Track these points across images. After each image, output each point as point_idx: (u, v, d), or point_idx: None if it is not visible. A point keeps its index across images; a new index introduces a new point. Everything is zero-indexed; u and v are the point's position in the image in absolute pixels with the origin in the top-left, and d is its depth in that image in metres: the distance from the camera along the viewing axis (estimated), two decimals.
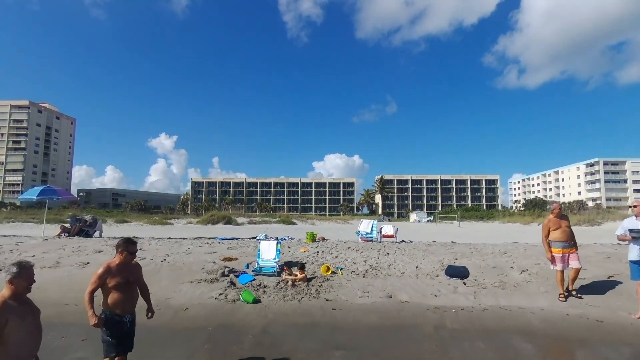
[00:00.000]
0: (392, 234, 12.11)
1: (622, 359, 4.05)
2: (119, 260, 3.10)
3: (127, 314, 3.10)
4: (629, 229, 5.10)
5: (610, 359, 3.99)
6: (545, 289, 5.96)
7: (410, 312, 5.24)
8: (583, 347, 4.31)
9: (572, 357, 4.21)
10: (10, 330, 2.44)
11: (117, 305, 3.01)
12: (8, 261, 7.83)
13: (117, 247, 3.22)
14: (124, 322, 3.06)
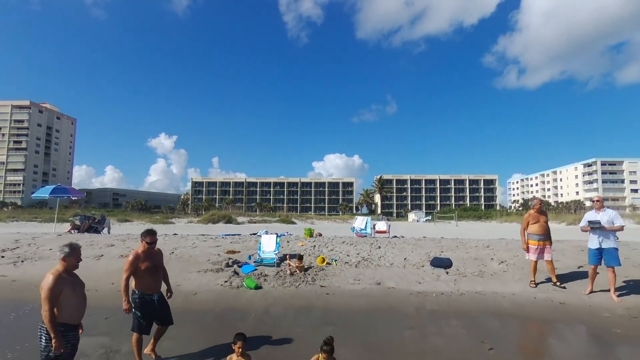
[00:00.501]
0: (385, 229, 12.76)
1: (575, 334, 4.68)
2: (143, 248, 3.72)
3: (155, 294, 3.72)
4: (589, 220, 5.74)
5: (565, 334, 4.62)
6: (519, 277, 6.60)
7: (395, 297, 5.87)
8: (543, 325, 4.94)
9: (533, 332, 4.84)
10: (64, 297, 3.08)
11: (147, 287, 3.64)
12: (27, 254, 8.48)
13: (140, 236, 3.86)
14: (153, 301, 3.68)
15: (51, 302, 3.02)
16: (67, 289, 3.13)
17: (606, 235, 5.64)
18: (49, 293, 3.03)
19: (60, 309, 3.07)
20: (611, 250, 5.58)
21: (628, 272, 6.83)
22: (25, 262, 7.80)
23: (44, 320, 2.97)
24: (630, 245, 8.84)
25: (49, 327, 2.95)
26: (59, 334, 2.97)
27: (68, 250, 3.25)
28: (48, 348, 2.98)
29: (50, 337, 2.96)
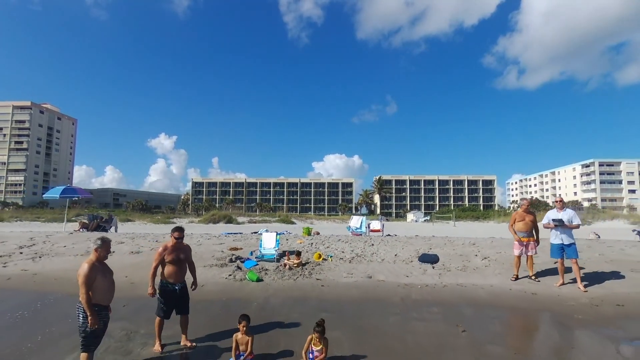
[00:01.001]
0: (379, 228, 13.37)
1: (541, 320, 5.27)
2: (172, 242, 4.31)
3: (178, 283, 4.28)
4: (552, 218, 6.35)
5: (532, 320, 5.22)
6: (499, 272, 7.20)
7: (384, 288, 6.47)
8: (514, 312, 5.54)
9: (503, 318, 5.43)
10: (97, 283, 3.67)
11: (171, 276, 4.21)
12: (44, 250, 9.08)
13: (171, 232, 4.45)
14: (175, 290, 4.24)
15: (87, 286, 3.60)
16: (99, 275, 3.72)
17: (567, 232, 6.26)
18: (85, 279, 3.61)
19: (94, 292, 3.66)
20: (571, 246, 6.22)
21: (600, 267, 7.43)
22: (43, 257, 8.39)
23: (82, 302, 3.56)
24: (607, 243, 9.44)
25: (85, 307, 3.53)
26: (94, 312, 3.56)
27: (100, 243, 3.85)
28: (85, 324, 3.56)
29: (87, 315, 3.54)
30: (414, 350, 4.16)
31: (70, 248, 9.16)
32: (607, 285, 6.39)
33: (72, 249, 9.09)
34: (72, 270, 7.54)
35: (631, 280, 6.65)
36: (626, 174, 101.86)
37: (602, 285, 6.41)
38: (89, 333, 3.56)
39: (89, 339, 3.58)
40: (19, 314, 5.42)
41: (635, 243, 10.00)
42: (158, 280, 4.34)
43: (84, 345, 3.58)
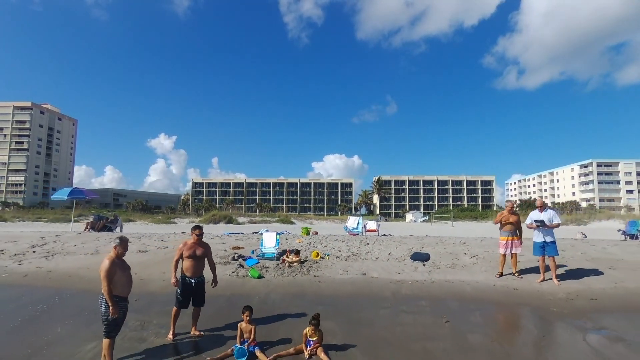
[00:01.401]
0: (375, 229, 13.85)
1: (519, 312, 5.74)
2: (193, 240, 4.79)
3: (194, 277, 4.74)
4: (534, 219, 6.83)
5: (510, 312, 5.69)
6: (485, 269, 7.67)
7: (377, 284, 6.94)
8: (495, 305, 6.01)
9: (485, 310, 5.88)
10: (117, 277, 4.12)
11: (187, 270, 4.68)
12: (55, 249, 9.53)
13: (190, 230, 4.92)
14: (191, 283, 4.71)
15: (108, 279, 4.06)
16: (119, 270, 4.18)
17: (548, 231, 6.74)
18: (106, 273, 4.07)
19: (114, 285, 4.11)
20: (552, 244, 6.69)
21: (581, 264, 7.91)
22: (55, 256, 8.85)
23: (104, 293, 4.01)
24: (591, 242, 9.91)
25: (107, 298, 3.99)
26: (115, 303, 4.01)
27: (119, 241, 4.31)
28: (107, 314, 4.01)
29: (108, 305, 3.99)
30: (401, 339, 4.62)
31: (80, 247, 9.62)
32: (585, 281, 6.86)
33: (81, 248, 9.55)
34: (84, 268, 8.02)
35: (608, 276, 7.12)
36: (624, 175, 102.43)
37: (580, 281, 6.88)
38: (110, 321, 4.01)
39: (110, 327, 4.03)
40: (40, 307, 5.88)
41: (618, 242, 10.48)
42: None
43: (107, 332, 4.03)
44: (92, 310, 5.66)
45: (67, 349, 4.32)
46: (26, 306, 5.93)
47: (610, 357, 4.09)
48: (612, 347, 4.36)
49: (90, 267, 8.02)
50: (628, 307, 5.76)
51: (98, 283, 6.62)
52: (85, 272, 7.73)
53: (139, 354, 4.23)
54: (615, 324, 5.10)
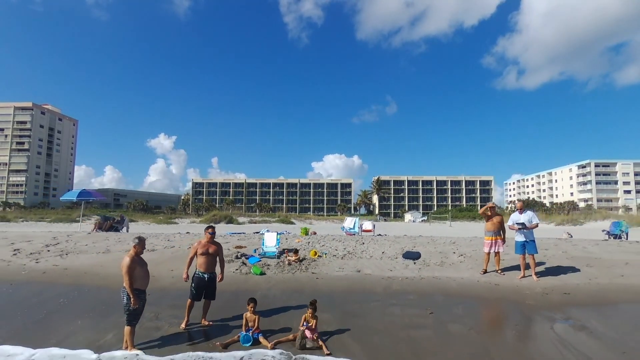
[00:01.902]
0: (370, 229, 14.42)
1: (497, 305, 6.32)
2: (206, 239, 5.36)
3: (207, 273, 5.31)
4: (515, 221, 7.40)
5: (489, 305, 6.26)
6: (471, 267, 8.24)
7: (370, 280, 7.51)
8: (477, 299, 6.57)
9: (467, 304, 6.45)
10: (136, 272, 4.68)
11: (201, 266, 5.26)
12: (68, 248, 10.09)
13: (205, 230, 5.48)
14: (204, 278, 5.28)
15: (129, 274, 4.61)
16: (138, 266, 4.74)
17: (528, 232, 7.31)
18: (127, 269, 4.62)
19: (134, 279, 4.67)
20: (532, 242, 7.26)
21: (561, 262, 8.48)
22: (69, 255, 9.41)
23: (125, 287, 4.56)
24: (573, 242, 10.49)
25: (128, 290, 4.54)
26: (135, 295, 4.57)
27: (137, 241, 4.87)
28: (128, 304, 4.57)
29: (129, 297, 4.55)
30: (388, 328, 5.19)
31: (91, 247, 10.18)
32: (561, 278, 7.43)
33: (93, 247, 10.11)
34: (97, 266, 8.58)
35: (584, 273, 7.69)
36: (622, 175, 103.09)
37: (557, 277, 7.45)
38: (131, 311, 4.57)
39: (131, 316, 4.59)
40: (61, 301, 6.44)
41: (598, 241, 11.05)
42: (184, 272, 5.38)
43: (128, 320, 4.58)
44: (109, 304, 6.23)
45: (91, 336, 4.87)
46: (48, 300, 6.49)
47: (571, 342, 4.65)
48: (575, 335, 4.93)
49: (103, 264, 8.58)
50: (597, 300, 6.33)
51: (112, 279, 7.28)
52: (99, 269, 8.29)
53: (155, 340, 4.78)
54: (582, 315, 5.67)
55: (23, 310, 5.96)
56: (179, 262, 8.65)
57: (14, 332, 5.00)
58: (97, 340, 4.78)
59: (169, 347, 4.56)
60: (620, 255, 9.00)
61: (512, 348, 4.59)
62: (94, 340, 4.74)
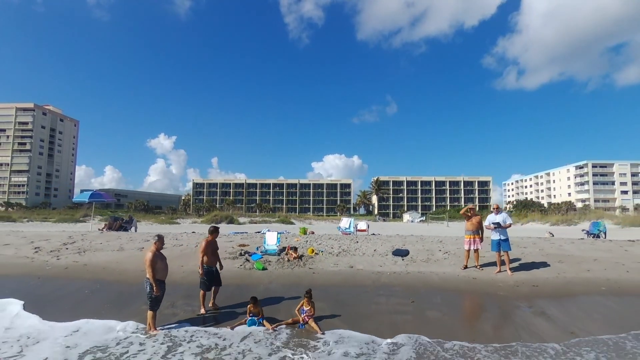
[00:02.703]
0: (365, 228, 15.26)
1: (472, 295, 7.14)
2: (210, 238, 6.21)
3: (214, 266, 6.19)
4: (491, 222, 8.22)
5: (465, 295, 7.08)
6: (454, 263, 9.06)
7: (361, 275, 8.33)
8: (455, 291, 7.39)
9: (446, 294, 7.26)
10: (157, 265, 5.50)
11: (209, 262, 6.13)
12: (84, 246, 10.91)
13: (208, 231, 6.34)
14: (212, 271, 6.16)
15: (152, 267, 5.43)
16: (158, 260, 5.55)
17: (503, 231, 8.13)
18: (150, 262, 5.44)
19: (156, 271, 5.49)
20: (505, 241, 8.09)
21: (536, 258, 9.30)
22: (87, 252, 10.22)
23: (149, 277, 5.37)
24: (551, 240, 11.32)
25: (152, 281, 5.36)
26: (157, 284, 5.39)
27: (157, 238, 5.69)
28: (151, 292, 5.38)
29: (152, 286, 5.36)
30: (374, 313, 6.02)
31: (106, 245, 11.00)
32: (533, 272, 8.26)
33: (107, 245, 10.93)
34: (113, 262, 9.41)
35: (554, 268, 8.52)
36: (619, 175, 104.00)
37: (529, 272, 8.28)
38: (154, 298, 5.38)
39: (153, 302, 5.40)
40: (86, 292, 7.26)
41: (574, 240, 11.87)
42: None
43: (151, 306, 5.40)
44: (128, 295, 7.06)
45: (117, 320, 5.68)
46: (74, 292, 7.31)
47: (528, 325, 5.48)
48: (533, 319, 5.75)
49: (118, 261, 9.41)
50: (561, 292, 7.15)
51: (128, 274, 8.14)
52: (116, 265, 9.11)
53: (174, 323, 5.61)
54: (544, 304, 6.49)
55: (54, 300, 6.79)
56: (187, 259, 9.48)
57: (55, 317, 5.81)
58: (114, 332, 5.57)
59: (184, 328, 5.38)
60: (591, 252, 9.83)
61: (477, 329, 5.42)
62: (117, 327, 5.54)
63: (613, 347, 4.63)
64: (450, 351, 4.46)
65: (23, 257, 9.89)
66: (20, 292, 7.05)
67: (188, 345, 4.70)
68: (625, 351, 4.49)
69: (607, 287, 7.38)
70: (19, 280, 8.12)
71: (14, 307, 6.22)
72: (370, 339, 4.89)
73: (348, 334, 5.07)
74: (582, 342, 4.77)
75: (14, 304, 6.39)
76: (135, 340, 4.90)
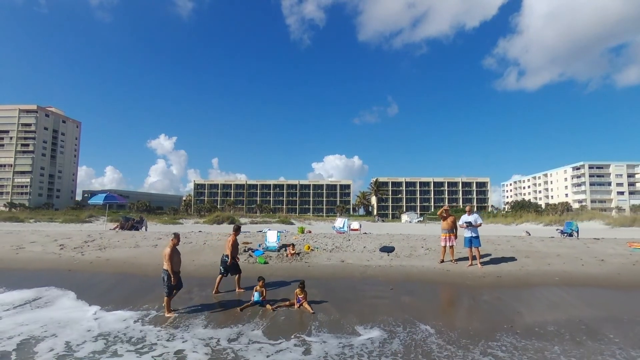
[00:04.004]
0: (357, 228, 16.49)
1: (444, 284, 8.33)
2: (235, 236, 7.44)
3: (225, 256, 7.41)
4: (464, 221, 9.42)
5: (438, 284, 8.28)
6: (432, 258, 10.26)
7: (350, 268, 9.53)
8: (430, 281, 8.58)
9: (421, 284, 8.45)
10: (174, 258, 6.69)
11: (234, 253, 7.36)
12: (103, 244, 12.10)
13: (235, 229, 7.59)
14: (226, 260, 7.37)
15: (170, 260, 6.61)
16: (175, 254, 6.73)
17: (474, 229, 9.33)
18: (168, 256, 6.60)
19: (173, 263, 6.67)
20: (476, 238, 9.29)
21: (506, 254, 10.49)
22: (107, 249, 11.43)
23: (167, 269, 6.52)
24: (524, 238, 12.52)
25: (170, 272, 6.52)
26: (175, 274, 6.58)
27: (174, 236, 6.88)
28: (168, 281, 6.55)
29: (169, 276, 6.53)
30: (358, 298, 7.22)
31: (122, 242, 12.20)
32: (501, 265, 9.46)
33: (124, 243, 12.14)
34: (132, 257, 10.61)
35: (519, 262, 9.71)
36: (615, 176, 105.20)
37: (497, 265, 9.48)
38: (170, 286, 6.54)
39: (169, 289, 6.54)
40: (112, 282, 8.46)
41: (544, 238, 13.06)
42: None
43: (167, 293, 6.55)
44: (147, 285, 8.24)
45: (139, 306, 6.87)
46: (102, 282, 8.51)
47: (483, 308, 6.66)
48: (489, 304, 6.93)
49: (136, 256, 10.61)
50: (520, 282, 8.34)
51: (145, 268, 9.37)
52: (134, 260, 10.31)
53: (190, 306, 6.79)
54: (502, 292, 7.67)
55: (86, 288, 7.98)
56: (197, 255, 10.68)
57: (92, 302, 7.01)
58: (143, 308, 6.77)
59: (198, 310, 6.57)
60: (556, 249, 11.02)
61: (440, 310, 6.64)
62: (142, 309, 6.72)
63: (553, 329, 5.82)
64: (416, 329, 5.67)
65: (51, 253, 11.10)
66: (58, 282, 8.25)
67: (202, 322, 5.90)
68: (561, 336, 5.69)
69: (561, 278, 8.58)
70: (52, 272, 9.33)
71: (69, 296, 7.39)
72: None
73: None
74: (526, 324, 5.92)
75: (68, 293, 7.53)
76: (154, 320, 6.11)
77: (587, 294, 7.55)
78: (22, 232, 15.34)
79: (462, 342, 4.98)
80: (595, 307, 6.57)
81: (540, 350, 4.72)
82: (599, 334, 5.25)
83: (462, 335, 5.20)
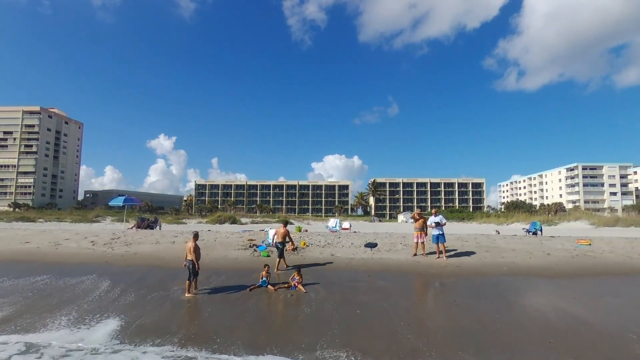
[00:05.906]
0: (348, 227, 18.47)
1: (413, 273, 10.28)
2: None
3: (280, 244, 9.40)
4: (433, 221, 11.39)
5: (407, 273, 10.23)
6: (408, 252, 12.23)
7: (338, 260, 11.48)
8: (402, 271, 10.54)
9: (395, 273, 10.39)
10: (197, 252, 8.65)
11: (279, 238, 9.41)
12: (128, 241, 14.03)
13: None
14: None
15: (195, 253, 8.54)
16: (197, 248, 8.67)
17: (440, 228, 11.30)
18: (193, 249, 8.54)
19: (197, 255, 8.61)
20: (442, 235, 11.26)
21: (470, 249, 12.45)
22: (132, 245, 13.36)
23: (192, 259, 8.45)
24: (490, 236, 14.50)
25: (195, 261, 8.45)
26: (197, 264, 8.51)
27: (193, 234, 8.83)
28: (194, 268, 8.47)
29: (194, 264, 8.45)
30: (342, 281, 9.17)
31: (144, 239, 14.14)
32: (462, 258, 11.41)
33: (146, 240, 14.08)
34: (155, 252, 12.54)
35: (479, 256, 11.67)
36: (608, 177, 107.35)
37: (460, 258, 11.44)
38: (194, 272, 8.47)
39: (191, 275, 8.47)
40: (142, 272, 10.38)
41: (505, 236, 15.03)
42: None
43: (189, 277, 8.46)
44: (171, 275, 10.14)
45: (166, 288, 8.80)
46: (134, 272, 10.43)
47: (442, 290, 8.62)
48: (448, 287, 8.88)
49: (159, 251, 12.55)
50: (475, 271, 10.29)
51: (167, 261, 11.34)
52: (157, 254, 12.25)
53: (207, 288, 8.72)
54: (460, 279, 9.62)
55: (124, 276, 9.91)
56: (210, 250, 12.62)
57: (129, 286, 8.94)
58: (169, 289, 8.68)
59: (217, 290, 8.51)
60: (513, 245, 12.99)
61: (405, 292, 8.59)
62: (170, 292, 8.64)
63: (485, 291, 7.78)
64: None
65: (85, 248, 13.03)
66: (99, 272, 10.18)
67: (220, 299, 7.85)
68: (485, 294, 7.65)
69: (509, 268, 10.54)
70: (92, 264, 11.25)
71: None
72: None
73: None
74: (466, 299, 7.89)
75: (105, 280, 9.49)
76: (181, 298, 8.06)
77: (521, 280, 9.52)
78: (55, 231, 17.26)
79: (417, 307, 6.94)
80: (520, 288, 8.53)
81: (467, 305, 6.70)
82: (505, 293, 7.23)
83: (417, 304, 7.17)
